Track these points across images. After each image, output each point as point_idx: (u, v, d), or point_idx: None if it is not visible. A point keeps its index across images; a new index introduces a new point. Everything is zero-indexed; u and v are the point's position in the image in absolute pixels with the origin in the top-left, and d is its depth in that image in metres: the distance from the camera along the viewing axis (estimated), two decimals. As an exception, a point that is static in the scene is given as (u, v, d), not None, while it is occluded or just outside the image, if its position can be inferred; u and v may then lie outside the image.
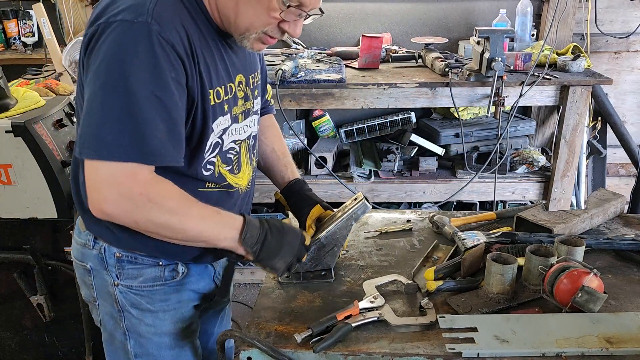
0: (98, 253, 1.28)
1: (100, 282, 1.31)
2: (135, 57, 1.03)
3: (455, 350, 1.12)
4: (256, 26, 1.15)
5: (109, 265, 1.28)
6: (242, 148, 1.34)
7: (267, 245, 1.22)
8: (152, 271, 1.29)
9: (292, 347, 1.15)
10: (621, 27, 3.24)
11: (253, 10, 1.13)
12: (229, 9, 1.14)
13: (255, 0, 1.12)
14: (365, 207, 1.39)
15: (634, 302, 1.30)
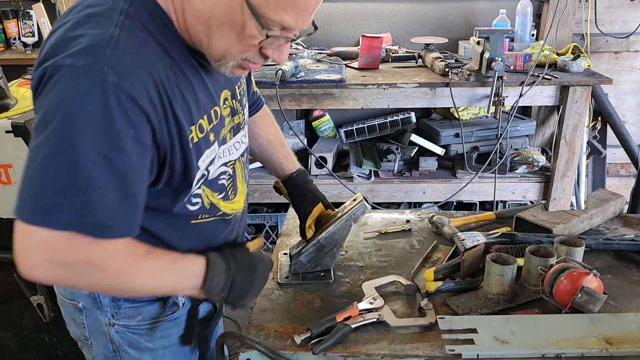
0: (90, 293, 1.16)
1: (93, 321, 1.19)
2: (84, 113, 0.86)
3: (455, 351, 1.12)
4: (232, 54, 0.98)
5: (103, 305, 1.16)
6: (236, 168, 1.21)
7: (235, 288, 1.11)
8: (151, 308, 1.18)
9: (291, 348, 1.15)
10: (621, 27, 3.24)
11: (227, 37, 0.95)
12: (200, 34, 0.97)
13: (229, 27, 0.94)
14: (365, 208, 1.39)
15: (633, 303, 1.30)
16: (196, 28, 0.97)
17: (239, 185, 1.23)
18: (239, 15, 0.91)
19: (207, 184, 1.12)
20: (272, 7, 0.90)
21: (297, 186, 1.46)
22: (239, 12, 0.91)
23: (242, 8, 0.91)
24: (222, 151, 1.15)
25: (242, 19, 0.92)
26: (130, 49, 0.90)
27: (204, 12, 0.93)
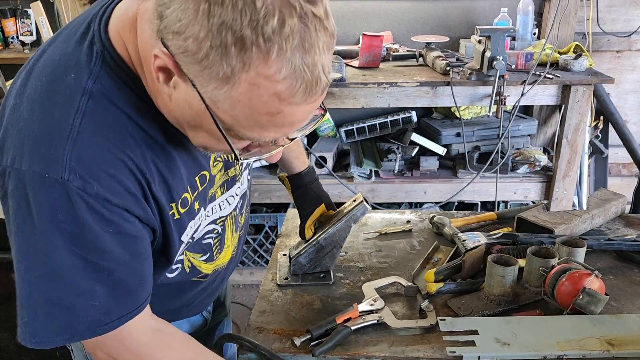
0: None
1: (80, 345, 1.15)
2: (54, 221, 0.79)
3: (456, 353, 1.11)
4: (214, 150, 0.87)
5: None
6: (227, 224, 1.13)
7: None
8: None
9: (290, 350, 1.14)
10: (623, 26, 3.22)
11: (203, 139, 0.83)
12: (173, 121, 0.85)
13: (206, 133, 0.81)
14: (365, 209, 1.38)
15: (635, 304, 1.29)
16: (169, 115, 0.84)
17: (226, 241, 1.15)
18: (212, 128, 0.77)
19: (191, 247, 1.05)
20: (245, 127, 0.76)
21: (302, 185, 1.45)
22: (210, 125, 0.77)
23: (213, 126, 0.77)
24: (211, 209, 1.06)
25: (216, 131, 0.77)
26: (94, 140, 0.80)
27: (172, 111, 0.82)
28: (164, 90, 0.79)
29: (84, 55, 0.82)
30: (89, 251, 0.82)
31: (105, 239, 0.83)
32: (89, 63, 0.81)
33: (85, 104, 0.80)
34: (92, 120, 0.80)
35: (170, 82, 0.76)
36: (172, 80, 0.76)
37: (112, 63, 0.82)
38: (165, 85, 0.77)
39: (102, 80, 0.81)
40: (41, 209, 0.79)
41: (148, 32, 0.77)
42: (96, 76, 0.81)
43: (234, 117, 0.74)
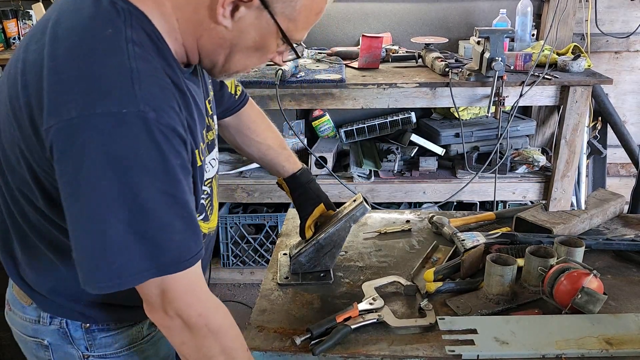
0: (58, 328, 1.10)
1: (63, 355, 1.13)
2: (136, 159, 0.83)
3: (455, 352, 1.12)
4: (249, 67, 1.03)
5: (75, 339, 1.11)
6: (213, 185, 1.17)
7: None
8: (129, 334, 1.15)
9: (291, 349, 1.15)
10: (621, 27, 3.23)
11: (248, 58, 0.99)
12: (219, 56, 0.98)
13: (254, 49, 0.98)
14: (365, 209, 1.39)
15: (633, 303, 1.30)
16: (215, 51, 0.97)
17: (214, 204, 1.19)
18: (269, 41, 0.96)
19: None
20: (299, 29, 0.97)
21: (300, 185, 1.46)
22: (269, 38, 0.95)
23: (275, 36, 0.95)
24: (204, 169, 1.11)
25: (271, 43, 0.97)
26: (152, 79, 0.87)
27: (230, 39, 0.95)
28: (223, 23, 0.91)
29: (112, 13, 0.88)
30: (168, 184, 0.87)
31: (178, 171, 0.88)
32: (120, 18, 0.88)
33: (132, 50, 0.86)
34: (143, 63, 0.86)
35: (236, 13, 0.91)
36: (239, 10, 0.90)
37: (137, 16, 0.89)
38: (227, 18, 0.91)
39: (136, 32, 0.88)
40: (123, 151, 0.82)
41: None
42: (131, 28, 0.88)
43: (295, 22, 0.94)
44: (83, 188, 0.84)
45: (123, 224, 0.84)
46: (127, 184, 0.83)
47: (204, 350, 0.97)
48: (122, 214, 0.84)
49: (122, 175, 0.83)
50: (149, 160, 0.84)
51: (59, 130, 0.83)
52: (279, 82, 2.56)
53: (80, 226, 0.86)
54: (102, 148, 0.82)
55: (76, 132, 0.82)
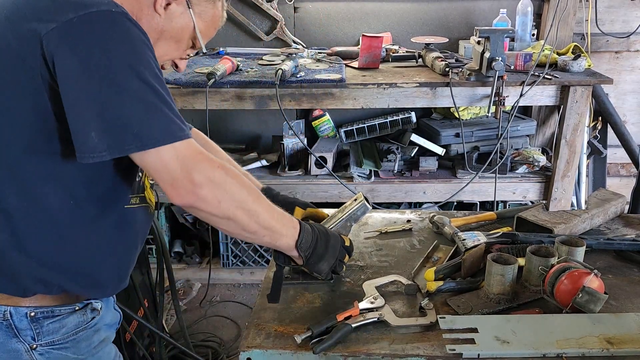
0: (2, 321, 1.11)
1: (7, 355, 1.13)
2: (131, 42, 1.01)
3: (456, 351, 1.12)
4: (164, 59, 1.24)
5: (20, 330, 1.12)
6: None
7: (316, 250, 1.26)
8: (73, 318, 1.18)
9: (291, 348, 1.15)
10: (622, 27, 3.23)
11: (168, 46, 1.22)
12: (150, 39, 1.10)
13: (175, 41, 1.21)
14: (365, 208, 1.39)
15: (634, 303, 1.30)
16: (148, 33, 1.10)
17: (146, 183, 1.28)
18: (186, 35, 1.23)
19: None
20: (205, 36, 1.26)
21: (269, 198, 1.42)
22: (187, 33, 1.22)
23: (190, 34, 1.23)
24: None
25: (186, 38, 1.23)
26: None
27: (161, 26, 1.18)
28: (160, 12, 1.16)
29: None
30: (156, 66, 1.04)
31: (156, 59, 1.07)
32: None
33: None
34: None
35: (169, 7, 1.16)
36: (171, 5, 1.16)
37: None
38: (162, 8, 1.15)
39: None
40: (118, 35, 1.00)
41: None
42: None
43: (204, 27, 1.25)
44: (94, 74, 0.97)
45: (135, 96, 0.99)
46: (131, 63, 0.99)
47: (236, 197, 1.09)
48: (135, 85, 0.99)
49: (126, 56, 0.99)
50: (140, 45, 1.02)
51: (61, 30, 0.97)
52: (279, 82, 2.56)
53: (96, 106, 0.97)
54: (103, 37, 0.98)
55: (77, 29, 0.98)
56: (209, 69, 2.68)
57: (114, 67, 0.98)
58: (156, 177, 1.04)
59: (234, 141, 3.40)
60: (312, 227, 1.27)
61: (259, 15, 3.25)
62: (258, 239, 1.19)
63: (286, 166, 3.00)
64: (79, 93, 0.98)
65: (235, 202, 1.09)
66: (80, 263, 1.15)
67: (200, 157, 1.05)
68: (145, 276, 2.28)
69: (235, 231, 1.14)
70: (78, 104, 0.98)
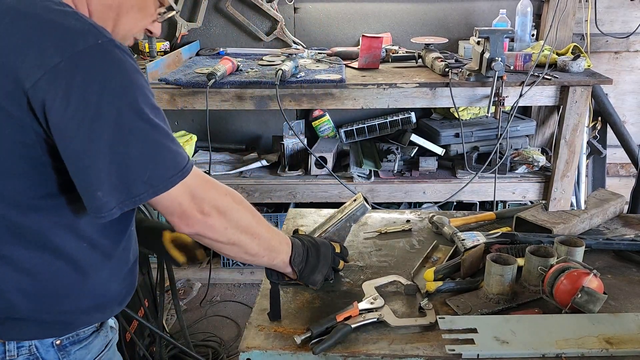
0: (28, 356, 1.07)
1: None
2: (128, 76, 0.93)
3: (455, 351, 1.12)
4: (134, 32, 1.13)
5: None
6: None
7: (309, 262, 1.26)
8: (98, 341, 1.17)
9: (291, 348, 1.15)
10: (621, 27, 3.23)
11: (132, 19, 1.10)
12: (108, 19, 1.06)
13: (137, 9, 1.09)
14: (365, 209, 1.39)
15: (633, 303, 1.30)
16: (104, 15, 1.05)
17: None
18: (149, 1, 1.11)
19: None
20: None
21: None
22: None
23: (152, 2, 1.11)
24: None
25: (150, 4, 1.11)
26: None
27: (116, 1, 1.06)
28: None
29: None
30: (152, 97, 0.98)
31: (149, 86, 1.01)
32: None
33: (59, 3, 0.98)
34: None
35: None
36: None
37: None
38: None
39: None
40: (112, 70, 0.92)
41: None
42: None
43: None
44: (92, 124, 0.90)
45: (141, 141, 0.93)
46: (132, 101, 0.93)
47: (240, 223, 1.09)
48: (138, 128, 0.93)
49: (124, 96, 0.92)
50: (134, 77, 0.94)
51: (49, 79, 0.88)
52: (279, 82, 2.56)
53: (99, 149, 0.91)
54: (96, 79, 0.90)
55: (66, 74, 0.88)
56: (209, 69, 2.69)
57: (114, 112, 0.90)
58: (166, 212, 1.02)
59: (234, 141, 3.40)
60: (301, 241, 1.27)
61: (259, 16, 3.26)
62: (257, 261, 1.18)
63: (286, 166, 3.00)
64: (79, 148, 0.91)
65: (241, 228, 1.09)
66: (94, 296, 1.11)
67: (207, 185, 1.05)
68: (146, 276, 2.28)
69: (237, 255, 1.14)
70: (80, 160, 0.92)
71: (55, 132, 0.90)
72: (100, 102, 0.89)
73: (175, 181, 0.97)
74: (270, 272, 1.26)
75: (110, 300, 1.16)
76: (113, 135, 0.91)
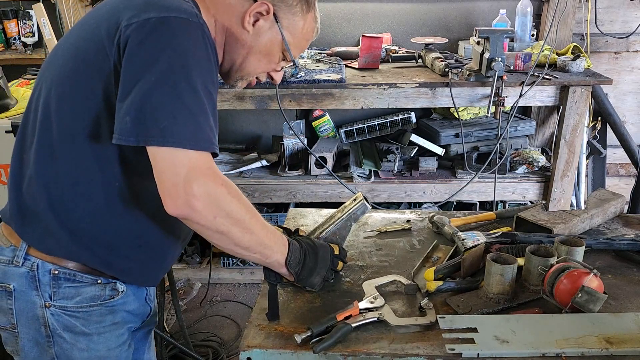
0: (28, 270, 1.19)
1: (24, 305, 1.20)
2: (195, 51, 1.07)
3: (455, 350, 1.12)
4: (257, 72, 1.32)
5: (42, 284, 1.19)
6: None
7: (306, 265, 1.27)
8: (90, 290, 1.22)
9: (291, 347, 1.15)
10: (621, 27, 3.24)
11: (258, 61, 1.28)
12: (239, 55, 1.26)
13: (264, 55, 1.27)
14: (365, 208, 1.39)
15: (634, 302, 1.30)
16: (236, 51, 1.26)
17: None
18: (275, 49, 1.27)
19: None
20: (295, 47, 1.30)
21: None
22: (276, 46, 1.27)
23: (280, 46, 1.27)
24: None
25: (276, 52, 1.28)
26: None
27: (249, 42, 1.25)
28: (248, 29, 1.22)
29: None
30: (210, 81, 1.10)
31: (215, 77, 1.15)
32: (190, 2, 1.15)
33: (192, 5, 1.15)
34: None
35: (257, 23, 1.22)
36: (259, 21, 1.22)
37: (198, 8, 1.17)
38: (250, 25, 1.22)
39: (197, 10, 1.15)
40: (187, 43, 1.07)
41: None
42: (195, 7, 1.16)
43: (294, 40, 1.28)
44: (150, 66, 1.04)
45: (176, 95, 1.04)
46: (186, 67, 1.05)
47: (232, 214, 1.10)
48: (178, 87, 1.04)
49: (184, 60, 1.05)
50: (201, 57, 1.08)
51: (139, 25, 1.06)
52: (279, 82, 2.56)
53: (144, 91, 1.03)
54: (171, 38, 1.05)
55: (153, 27, 1.05)
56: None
57: (170, 65, 1.04)
58: (159, 177, 1.05)
59: (234, 141, 3.40)
60: (299, 242, 1.28)
61: (259, 16, 3.25)
62: (249, 256, 1.19)
63: (286, 166, 3.00)
64: (131, 80, 1.04)
65: (232, 220, 1.10)
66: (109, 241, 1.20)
67: (208, 172, 1.06)
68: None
69: (227, 246, 1.15)
70: (127, 89, 1.04)
71: (124, 64, 1.06)
72: (163, 56, 1.04)
73: (184, 145, 1.03)
74: (269, 272, 1.26)
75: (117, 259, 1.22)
76: (156, 79, 1.03)
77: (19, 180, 1.21)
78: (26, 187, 1.20)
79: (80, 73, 1.13)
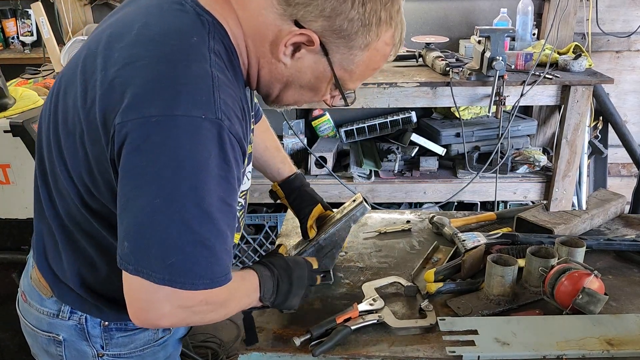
0: (77, 324, 1.12)
1: (76, 353, 1.15)
2: (206, 162, 0.86)
3: (456, 353, 1.11)
4: (301, 103, 1.09)
5: (92, 336, 1.12)
6: (247, 197, 1.22)
7: (280, 291, 1.15)
8: (144, 335, 1.16)
9: (291, 350, 1.15)
10: (622, 27, 3.23)
11: (300, 95, 1.06)
12: (274, 88, 1.05)
13: (307, 89, 1.04)
14: (364, 209, 1.38)
15: (635, 304, 1.30)
16: (271, 84, 1.03)
17: (242, 217, 1.23)
18: (323, 85, 1.03)
19: None
20: (353, 80, 1.04)
21: (295, 189, 1.45)
22: (323, 82, 1.02)
23: (329, 81, 1.02)
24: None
25: (324, 87, 1.04)
26: (226, 89, 0.91)
27: (287, 76, 1.01)
28: (283, 60, 0.98)
29: (197, 24, 0.93)
30: (228, 192, 0.90)
31: (235, 181, 0.92)
32: (205, 29, 0.93)
33: (214, 59, 0.91)
34: (221, 73, 0.91)
35: (296, 54, 0.97)
36: (299, 52, 0.96)
37: (219, 31, 0.95)
38: (287, 57, 0.97)
39: (217, 44, 0.93)
40: (198, 151, 0.85)
41: (270, 16, 0.95)
42: (213, 39, 0.93)
43: (350, 73, 1.01)
44: (151, 183, 0.85)
45: (186, 224, 0.86)
46: (196, 186, 0.86)
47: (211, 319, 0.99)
48: (188, 213, 0.86)
49: (193, 176, 0.85)
50: (217, 167, 0.87)
51: (137, 125, 0.85)
52: (279, 81, 2.55)
53: (142, 213, 0.86)
54: (178, 148, 0.85)
55: (154, 130, 0.85)
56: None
57: (176, 185, 0.85)
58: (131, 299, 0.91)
59: (234, 141, 3.39)
60: (270, 269, 1.13)
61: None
62: None
63: (286, 166, 2.99)
64: (130, 195, 0.87)
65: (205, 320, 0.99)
66: None
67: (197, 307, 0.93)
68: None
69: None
70: (126, 205, 0.88)
71: (121, 171, 0.88)
72: (169, 171, 0.85)
73: (197, 286, 0.88)
74: None
75: None
76: (161, 202, 0.85)
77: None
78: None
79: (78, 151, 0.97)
